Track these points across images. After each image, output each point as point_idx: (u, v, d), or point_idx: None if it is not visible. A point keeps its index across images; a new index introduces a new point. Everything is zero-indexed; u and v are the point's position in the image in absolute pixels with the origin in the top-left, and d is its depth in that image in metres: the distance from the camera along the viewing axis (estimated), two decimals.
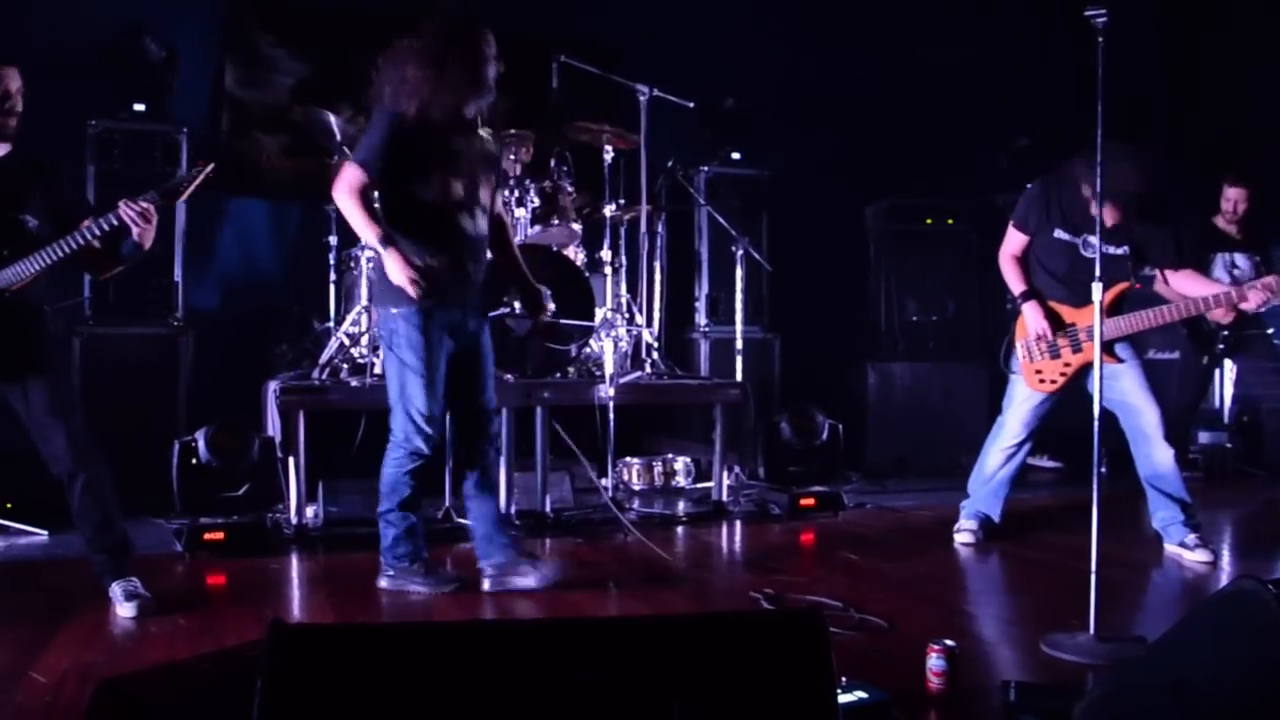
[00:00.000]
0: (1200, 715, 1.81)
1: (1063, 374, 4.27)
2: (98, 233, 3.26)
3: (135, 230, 3.26)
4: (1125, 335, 4.20)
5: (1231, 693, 1.82)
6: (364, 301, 5.22)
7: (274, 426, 4.67)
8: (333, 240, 5.89)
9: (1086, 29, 3.01)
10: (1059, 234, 4.23)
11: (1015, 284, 4.36)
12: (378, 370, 4.93)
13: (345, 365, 5.09)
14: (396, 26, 3.55)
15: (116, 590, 3.39)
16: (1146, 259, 4.41)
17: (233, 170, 6.35)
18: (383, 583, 3.71)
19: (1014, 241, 4.37)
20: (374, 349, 4.98)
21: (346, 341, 5.21)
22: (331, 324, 5.70)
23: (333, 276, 5.89)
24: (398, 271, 3.42)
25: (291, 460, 4.54)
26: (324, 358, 5.20)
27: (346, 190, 3.45)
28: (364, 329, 5.14)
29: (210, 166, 3.39)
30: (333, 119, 5.59)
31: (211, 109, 6.31)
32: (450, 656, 1.62)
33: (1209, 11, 8.11)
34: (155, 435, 4.68)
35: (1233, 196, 5.72)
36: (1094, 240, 3.21)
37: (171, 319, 5.38)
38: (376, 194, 3.61)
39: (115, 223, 3.24)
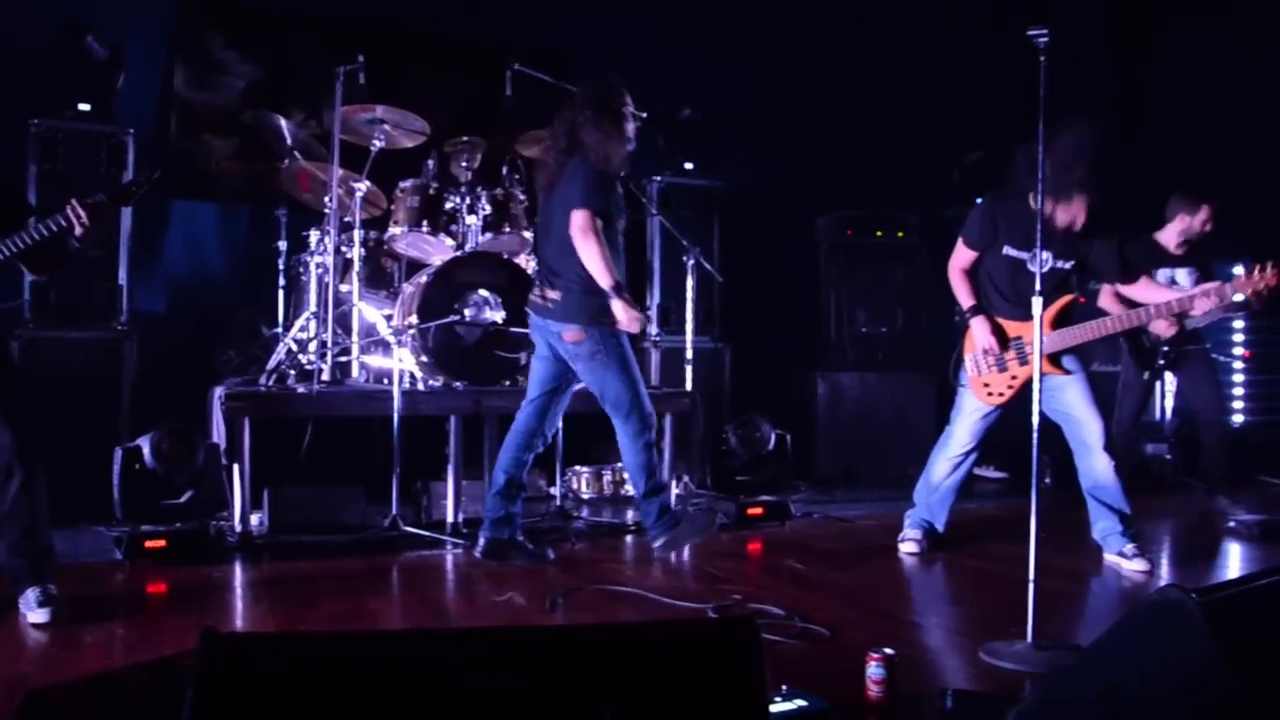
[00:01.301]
0: None
1: (1010, 387, 4.32)
2: (45, 233, 3.24)
3: (79, 230, 3.24)
4: (1071, 347, 4.27)
5: (1159, 700, 1.86)
6: (313, 308, 5.17)
7: (219, 433, 4.61)
8: (282, 245, 5.85)
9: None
10: (1008, 250, 4.28)
11: (964, 298, 4.41)
12: (325, 377, 4.90)
13: (293, 371, 5.04)
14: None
15: (30, 596, 3.31)
16: (1095, 274, 4.49)
17: (181, 173, 6.30)
18: (661, 548, 4.29)
19: (962, 256, 4.43)
20: (322, 355, 4.95)
21: (294, 347, 5.16)
22: (280, 330, 5.65)
23: (282, 281, 5.85)
24: (627, 315, 4.06)
25: (236, 467, 4.49)
26: (271, 364, 5.15)
27: (593, 234, 3.99)
28: (312, 335, 5.09)
29: (157, 173, 3.49)
30: (283, 123, 5.56)
31: (160, 111, 6.23)
32: (383, 665, 1.61)
33: (1152, 30, 8.29)
34: (96, 441, 4.59)
35: (1204, 215, 5.50)
36: (1041, 255, 3.26)
37: (115, 323, 5.28)
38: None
39: (63, 223, 3.23)
